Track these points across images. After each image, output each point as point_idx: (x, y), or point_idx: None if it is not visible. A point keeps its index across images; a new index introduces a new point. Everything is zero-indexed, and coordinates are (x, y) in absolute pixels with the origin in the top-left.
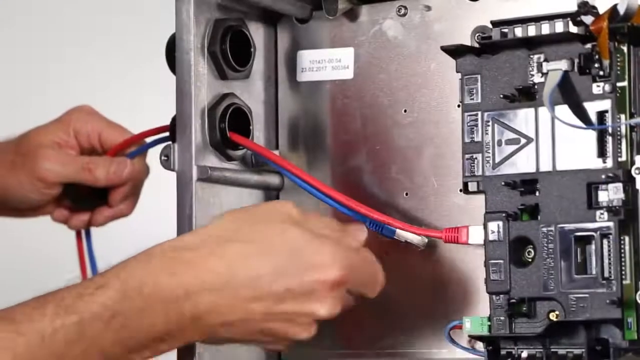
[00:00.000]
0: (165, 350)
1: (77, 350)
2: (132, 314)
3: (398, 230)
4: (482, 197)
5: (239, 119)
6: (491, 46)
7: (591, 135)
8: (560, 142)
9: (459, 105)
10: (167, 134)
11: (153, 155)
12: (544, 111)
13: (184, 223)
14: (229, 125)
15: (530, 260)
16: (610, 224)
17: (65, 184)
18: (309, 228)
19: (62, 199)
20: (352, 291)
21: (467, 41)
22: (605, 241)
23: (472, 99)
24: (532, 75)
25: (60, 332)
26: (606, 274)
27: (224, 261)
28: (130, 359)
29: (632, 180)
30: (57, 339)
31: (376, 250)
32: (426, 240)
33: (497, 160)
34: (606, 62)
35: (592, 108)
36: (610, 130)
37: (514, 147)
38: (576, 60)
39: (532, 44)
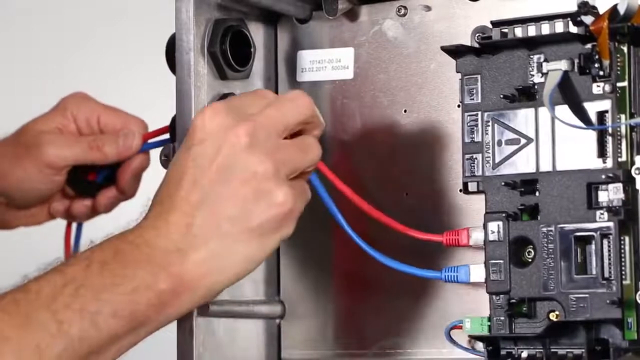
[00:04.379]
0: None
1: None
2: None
3: (472, 277)
4: (482, 197)
5: None
6: (491, 46)
7: (591, 136)
8: (560, 142)
9: (458, 106)
10: (167, 135)
11: (153, 156)
12: (544, 111)
13: None
14: None
15: (530, 260)
16: (610, 224)
17: (68, 173)
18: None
19: (65, 190)
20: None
21: (467, 41)
22: (605, 241)
23: (472, 99)
24: (532, 75)
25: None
26: (606, 274)
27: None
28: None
29: (632, 180)
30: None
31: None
32: None
33: (497, 160)
34: (606, 62)
35: (592, 108)
36: (610, 130)
37: (514, 147)
38: (576, 61)
39: (532, 44)
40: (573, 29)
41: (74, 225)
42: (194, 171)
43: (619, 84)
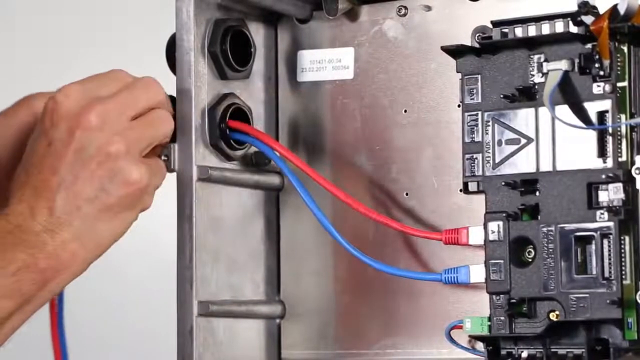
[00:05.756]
0: None
1: None
2: None
3: (472, 278)
4: (482, 197)
5: (239, 119)
6: (491, 46)
7: (591, 136)
8: (560, 142)
9: (459, 105)
10: None
11: None
12: (544, 111)
13: (184, 223)
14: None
15: (530, 260)
16: (611, 224)
17: None
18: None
19: None
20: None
21: (467, 41)
22: (605, 241)
23: (473, 99)
24: (533, 75)
25: None
26: (606, 274)
27: None
28: None
29: (632, 180)
30: None
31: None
32: None
33: (497, 160)
34: (606, 62)
35: (592, 108)
36: (610, 130)
37: (514, 147)
38: (576, 60)
39: (532, 44)
40: (573, 29)
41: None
42: (50, 156)
43: (619, 84)
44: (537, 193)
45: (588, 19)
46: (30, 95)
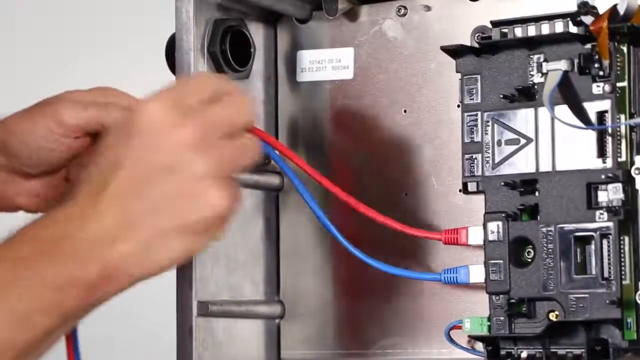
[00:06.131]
0: None
1: None
2: None
3: (471, 278)
4: (481, 197)
5: None
6: (491, 46)
7: (591, 136)
8: (560, 143)
9: (458, 106)
10: None
11: None
12: (543, 111)
13: None
14: None
15: (529, 260)
16: (610, 224)
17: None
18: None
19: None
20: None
21: (467, 41)
22: (604, 241)
23: (472, 99)
24: (532, 75)
25: None
26: (606, 274)
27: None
28: None
29: (632, 180)
30: None
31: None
32: None
33: (497, 160)
34: (606, 62)
35: (591, 108)
36: (609, 130)
37: (513, 147)
38: (576, 61)
39: (532, 44)
40: (573, 29)
41: None
42: (132, 162)
43: (619, 84)
44: (537, 193)
45: (588, 19)
46: (56, 101)
